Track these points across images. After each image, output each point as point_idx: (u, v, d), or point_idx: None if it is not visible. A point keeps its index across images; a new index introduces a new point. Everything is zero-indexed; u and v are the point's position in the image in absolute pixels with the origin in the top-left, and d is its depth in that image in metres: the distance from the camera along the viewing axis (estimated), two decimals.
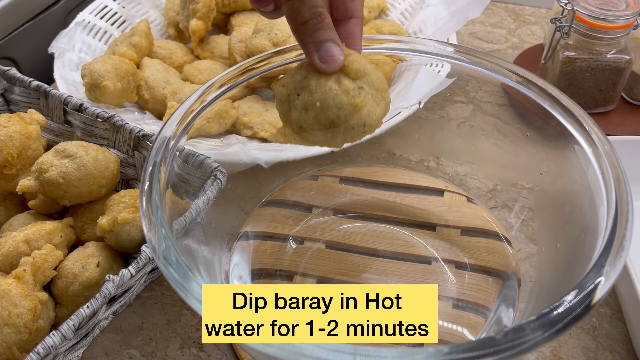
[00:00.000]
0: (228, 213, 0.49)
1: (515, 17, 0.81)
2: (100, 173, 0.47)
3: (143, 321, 0.47)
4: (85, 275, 0.43)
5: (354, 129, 0.38)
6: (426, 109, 0.53)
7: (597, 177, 0.37)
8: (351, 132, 0.38)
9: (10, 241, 0.44)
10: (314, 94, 0.37)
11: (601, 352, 0.44)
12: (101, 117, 0.51)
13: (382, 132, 0.53)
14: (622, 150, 0.41)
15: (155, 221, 0.34)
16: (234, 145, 0.53)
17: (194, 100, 0.42)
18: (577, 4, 0.57)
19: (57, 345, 0.37)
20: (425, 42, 0.46)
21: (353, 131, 0.38)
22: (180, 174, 0.44)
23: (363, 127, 0.38)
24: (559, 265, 0.40)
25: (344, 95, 0.37)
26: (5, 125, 0.48)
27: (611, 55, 0.58)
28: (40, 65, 0.69)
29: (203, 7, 0.64)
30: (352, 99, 0.37)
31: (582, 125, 0.39)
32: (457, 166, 0.52)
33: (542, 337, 0.28)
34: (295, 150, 0.52)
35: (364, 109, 0.37)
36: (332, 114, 0.37)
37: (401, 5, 0.73)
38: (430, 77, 0.51)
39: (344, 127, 0.38)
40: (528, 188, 0.48)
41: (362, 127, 0.38)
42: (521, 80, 0.43)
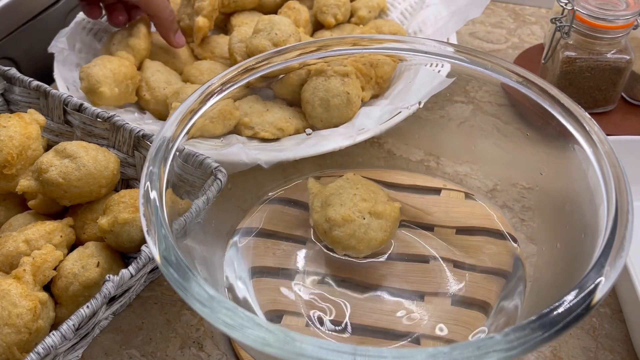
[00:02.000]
0: (228, 213, 0.49)
1: (516, 17, 0.81)
2: (100, 173, 0.47)
3: (143, 321, 0.47)
4: (85, 275, 0.43)
5: (325, 221, 0.46)
6: (426, 109, 0.53)
7: (597, 177, 0.37)
8: (321, 220, 0.46)
9: (10, 241, 0.44)
10: (348, 188, 0.48)
11: (601, 352, 0.44)
12: (101, 117, 0.51)
13: (382, 132, 0.53)
14: (622, 150, 0.41)
15: (155, 221, 0.34)
16: (234, 145, 0.53)
17: (194, 100, 0.42)
18: (577, 4, 0.57)
19: (57, 345, 0.37)
20: (425, 42, 0.46)
21: (322, 221, 0.46)
22: (180, 174, 0.44)
23: (327, 228, 0.46)
24: (559, 265, 0.40)
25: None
26: (5, 125, 0.48)
27: (611, 55, 0.58)
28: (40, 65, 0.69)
29: (209, 6, 0.64)
30: (351, 215, 0.46)
31: (582, 125, 0.39)
32: (457, 166, 0.52)
33: (542, 337, 0.28)
34: (295, 150, 0.52)
35: (345, 227, 0.45)
36: (333, 201, 0.47)
37: (401, 5, 0.73)
38: (430, 77, 0.51)
39: (324, 213, 0.47)
40: (528, 188, 0.48)
41: (328, 227, 0.46)
42: (521, 80, 0.43)
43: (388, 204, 0.47)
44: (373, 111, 0.56)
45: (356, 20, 0.70)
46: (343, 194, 0.46)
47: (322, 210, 0.47)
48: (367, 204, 0.46)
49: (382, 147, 0.56)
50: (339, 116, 0.56)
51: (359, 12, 0.70)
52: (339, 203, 0.46)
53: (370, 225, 0.45)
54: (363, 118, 0.55)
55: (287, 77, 0.56)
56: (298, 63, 0.47)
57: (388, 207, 0.46)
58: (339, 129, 0.55)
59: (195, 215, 0.41)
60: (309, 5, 0.71)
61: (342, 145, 0.52)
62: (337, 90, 0.55)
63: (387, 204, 0.47)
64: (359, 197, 0.46)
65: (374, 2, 0.71)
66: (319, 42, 0.47)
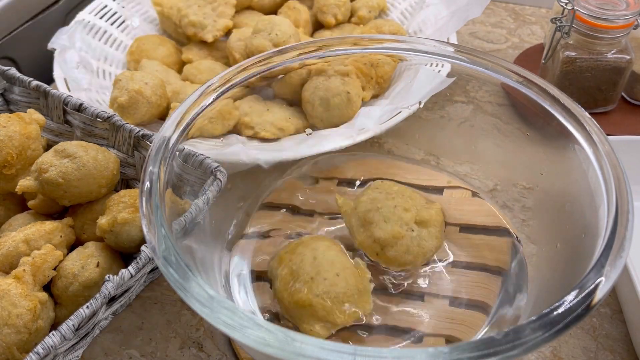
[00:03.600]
0: (228, 213, 0.49)
1: (516, 16, 0.81)
2: (100, 173, 0.47)
3: (143, 321, 0.47)
4: (85, 276, 0.43)
5: (374, 242, 0.43)
6: (426, 109, 0.53)
7: (597, 177, 0.37)
8: (369, 242, 0.44)
9: (10, 241, 0.44)
10: (386, 201, 0.45)
11: (601, 352, 0.44)
12: (101, 117, 0.51)
13: (382, 132, 0.53)
14: (622, 150, 0.41)
15: (155, 221, 0.34)
16: (234, 145, 0.53)
17: (193, 100, 0.41)
18: (577, 4, 0.57)
19: (56, 346, 0.37)
20: (425, 41, 0.46)
21: (370, 243, 0.44)
22: (180, 174, 0.44)
23: (379, 250, 0.43)
24: (559, 265, 0.40)
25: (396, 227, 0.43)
26: (5, 125, 0.48)
27: (611, 55, 0.58)
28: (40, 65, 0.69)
29: (233, 9, 0.66)
30: (401, 230, 0.43)
31: (582, 125, 0.39)
32: (457, 166, 0.52)
33: (542, 337, 0.28)
34: (295, 150, 0.52)
35: (397, 244, 0.43)
36: (376, 219, 0.44)
37: (401, 5, 0.73)
38: (431, 76, 0.51)
39: (370, 233, 0.44)
40: (528, 188, 0.48)
41: (380, 249, 0.43)
42: (521, 80, 0.42)
43: (430, 208, 0.45)
44: (373, 111, 0.56)
45: (356, 20, 0.70)
46: (382, 208, 0.44)
47: (364, 230, 0.44)
48: (411, 213, 0.44)
49: (382, 147, 0.56)
50: (339, 116, 0.56)
51: (359, 12, 0.70)
52: (381, 219, 0.43)
53: (421, 235, 0.43)
54: (363, 118, 0.55)
55: (288, 76, 0.57)
56: (298, 63, 0.47)
57: (432, 212, 0.45)
58: (339, 128, 0.55)
59: (195, 215, 0.41)
60: (309, 5, 0.71)
61: (342, 145, 0.52)
62: (338, 90, 0.55)
63: (429, 208, 0.45)
64: (400, 208, 0.44)
65: (374, 2, 0.71)
66: (319, 42, 0.47)
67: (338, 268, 0.41)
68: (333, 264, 0.41)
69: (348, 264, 0.42)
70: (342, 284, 0.40)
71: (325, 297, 0.39)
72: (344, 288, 0.40)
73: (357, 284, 0.41)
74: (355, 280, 0.41)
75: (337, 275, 0.40)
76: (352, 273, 0.41)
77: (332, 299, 0.39)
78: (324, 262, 0.41)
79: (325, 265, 0.41)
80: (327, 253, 0.42)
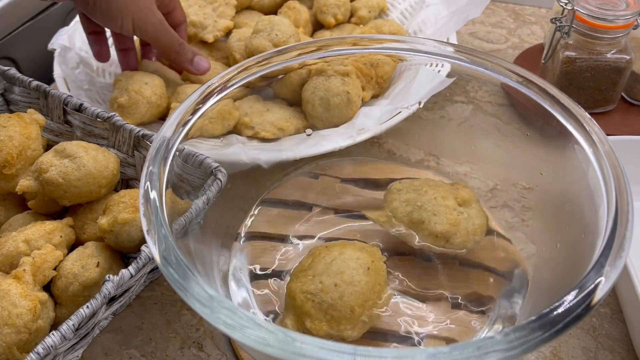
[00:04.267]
0: (228, 213, 0.49)
1: (515, 17, 0.81)
2: (100, 173, 0.47)
3: (143, 321, 0.47)
4: (85, 276, 0.43)
5: (437, 238, 0.44)
6: (426, 109, 0.53)
7: (597, 177, 0.37)
8: (432, 239, 0.44)
9: (10, 241, 0.44)
10: (421, 196, 0.45)
11: (601, 352, 0.44)
12: (101, 117, 0.51)
13: (382, 132, 0.53)
14: (622, 150, 0.41)
15: (155, 221, 0.34)
16: (234, 145, 0.53)
17: (193, 100, 0.41)
18: (577, 4, 0.57)
19: (56, 345, 0.37)
20: (425, 42, 0.46)
21: (434, 240, 0.44)
22: (180, 174, 0.44)
23: (445, 243, 0.44)
24: (559, 265, 0.40)
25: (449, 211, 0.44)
26: (5, 125, 0.48)
27: (611, 55, 0.58)
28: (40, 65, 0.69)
29: (233, 10, 0.66)
30: (453, 215, 0.44)
31: (582, 125, 0.39)
32: (457, 166, 0.52)
33: (542, 337, 0.28)
34: (294, 150, 0.52)
35: (458, 229, 0.44)
36: (425, 217, 0.44)
37: (401, 5, 0.73)
38: (430, 76, 0.51)
39: (428, 231, 0.44)
40: (528, 188, 0.48)
41: (445, 242, 0.44)
42: (521, 80, 0.43)
43: (459, 188, 0.46)
44: (373, 111, 0.56)
45: (356, 20, 0.70)
46: (424, 205, 0.44)
47: (420, 230, 0.44)
48: (451, 199, 0.45)
49: (382, 147, 0.56)
50: (339, 115, 0.56)
51: (359, 12, 0.70)
52: (431, 214, 0.44)
53: (470, 214, 0.45)
54: (363, 118, 0.55)
55: (288, 76, 0.57)
56: (298, 63, 0.47)
57: (466, 190, 0.46)
58: (339, 128, 0.55)
59: (195, 215, 0.41)
60: (309, 5, 0.71)
61: (342, 145, 0.52)
62: (337, 90, 0.55)
63: (458, 189, 0.46)
64: (439, 197, 0.45)
65: (374, 2, 0.71)
66: (319, 42, 0.47)
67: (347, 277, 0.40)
68: (342, 273, 0.40)
69: (360, 276, 0.40)
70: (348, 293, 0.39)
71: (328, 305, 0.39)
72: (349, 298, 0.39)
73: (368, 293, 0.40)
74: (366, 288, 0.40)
75: (336, 285, 0.39)
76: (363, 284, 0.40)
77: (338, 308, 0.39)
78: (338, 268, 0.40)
79: (336, 272, 0.40)
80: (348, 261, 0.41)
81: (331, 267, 0.40)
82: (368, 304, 0.39)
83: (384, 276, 0.41)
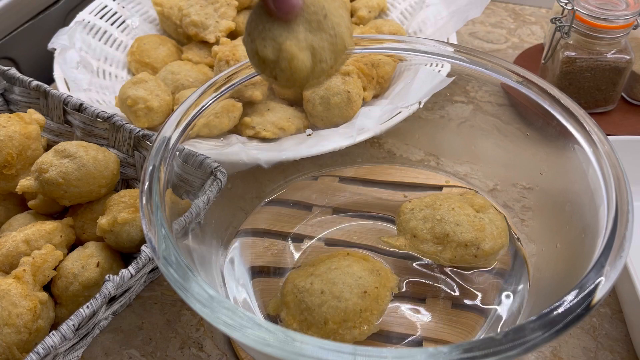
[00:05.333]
0: (228, 213, 0.49)
1: (515, 17, 0.81)
2: (100, 173, 0.47)
3: (143, 321, 0.47)
4: (85, 275, 0.43)
5: (467, 247, 0.42)
6: (426, 109, 0.53)
7: (597, 177, 0.37)
8: (462, 250, 0.42)
9: (10, 241, 0.44)
10: (437, 210, 0.43)
11: (601, 352, 0.44)
12: (101, 117, 0.51)
13: (382, 132, 0.53)
14: (622, 150, 0.41)
15: (155, 221, 0.34)
16: (234, 145, 0.53)
17: (193, 101, 0.42)
18: (577, 4, 0.57)
19: (57, 345, 0.37)
20: (425, 42, 0.46)
21: (465, 250, 0.42)
22: (180, 174, 0.44)
23: (476, 250, 0.42)
24: (559, 265, 0.40)
25: (470, 219, 0.43)
26: (5, 125, 0.48)
27: (611, 55, 0.58)
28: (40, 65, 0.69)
29: (235, 11, 0.66)
30: (475, 221, 0.43)
31: (582, 125, 0.39)
32: (457, 166, 0.52)
33: (542, 337, 0.28)
34: (295, 150, 0.52)
35: (485, 234, 0.42)
36: (449, 229, 0.42)
37: (401, 5, 0.73)
38: (430, 76, 0.51)
39: (456, 243, 0.42)
40: (528, 188, 0.48)
41: (476, 249, 0.42)
42: (521, 80, 0.43)
43: (471, 197, 0.46)
44: (373, 111, 0.56)
45: (356, 20, 0.70)
46: (444, 218, 0.43)
47: (446, 245, 0.42)
48: (469, 208, 0.44)
49: (382, 147, 0.56)
50: (340, 115, 0.56)
51: (359, 12, 0.70)
52: (454, 225, 0.42)
53: (491, 218, 0.43)
54: (363, 118, 0.55)
55: None
56: None
57: (477, 197, 0.46)
58: (339, 128, 0.55)
59: (195, 215, 0.41)
60: None
61: (342, 145, 0.52)
62: (338, 89, 0.55)
63: (470, 197, 0.46)
64: (457, 208, 0.44)
65: (374, 2, 0.71)
66: None
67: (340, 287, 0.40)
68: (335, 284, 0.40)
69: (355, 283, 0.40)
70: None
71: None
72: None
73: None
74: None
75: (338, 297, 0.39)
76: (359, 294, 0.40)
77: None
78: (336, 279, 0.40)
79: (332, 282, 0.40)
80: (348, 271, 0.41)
81: (329, 274, 0.40)
82: (347, 324, 0.39)
83: (381, 306, 0.40)
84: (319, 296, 0.39)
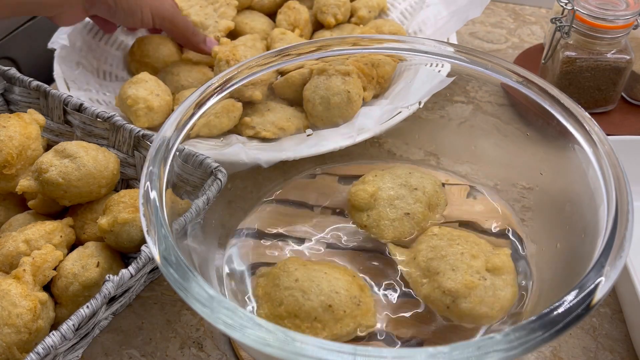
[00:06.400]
0: (228, 213, 0.49)
1: (516, 17, 0.81)
2: (100, 173, 0.47)
3: (143, 321, 0.47)
4: (85, 276, 0.43)
5: (444, 294, 0.39)
6: (426, 108, 0.53)
7: (597, 177, 0.37)
8: (438, 295, 0.39)
9: (10, 241, 0.44)
10: (449, 247, 0.41)
11: (601, 352, 0.44)
12: (101, 117, 0.51)
13: (382, 132, 0.53)
14: (622, 150, 0.41)
15: (155, 221, 0.34)
16: (234, 145, 0.53)
17: (193, 101, 0.42)
18: (577, 4, 0.57)
19: (56, 345, 0.37)
20: (425, 42, 0.46)
21: (440, 296, 0.39)
22: (180, 174, 0.44)
23: (450, 303, 0.39)
24: (559, 265, 0.40)
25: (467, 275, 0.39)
26: (5, 125, 0.48)
27: (611, 55, 0.58)
28: (40, 65, 0.69)
29: (234, 11, 0.67)
30: (472, 277, 0.39)
31: (582, 125, 0.39)
32: (457, 166, 0.52)
33: (542, 337, 0.28)
34: (295, 150, 0.52)
35: (471, 293, 0.39)
36: (442, 268, 0.40)
37: (401, 5, 0.73)
38: (430, 76, 0.51)
39: (437, 284, 0.39)
40: (528, 188, 0.48)
41: (450, 301, 0.39)
42: (521, 80, 0.42)
43: (499, 253, 0.41)
44: (373, 111, 0.56)
45: (356, 20, 0.70)
46: (448, 256, 0.40)
47: (430, 282, 0.40)
48: (480, 260, 0.40)
49: (382, 147, 0.56)
50: (340, 115, 0.56)
51: (359, 12, 0.70)
52: (449, 268, 0.39)
53: (495, 284, 0.39)
54: (363, 118, 0.55)
55: (289, 76, 0.57)
56: (298, 63, 0.47)
57: (503, 258, 0.41)
58: (339, 128, 0.55)
59: (195, 215, 0.41)
60: (309, 5, 0.71)
61: (342, 145, 0.52)
62: (338, 89, 0.55)
63: (498, 254, 0.41)
64: (468, 254, 0.40)
65: (374, 2, 0.71)
66: (319, 42, 0.47)
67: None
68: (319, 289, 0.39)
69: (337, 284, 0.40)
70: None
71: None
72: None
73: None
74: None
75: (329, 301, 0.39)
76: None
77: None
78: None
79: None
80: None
81: (313, 272, 0.40)
82: (295, 321, 0.38)
83: (336, 331, 0.38)
84: (291, 281, 0.39)
